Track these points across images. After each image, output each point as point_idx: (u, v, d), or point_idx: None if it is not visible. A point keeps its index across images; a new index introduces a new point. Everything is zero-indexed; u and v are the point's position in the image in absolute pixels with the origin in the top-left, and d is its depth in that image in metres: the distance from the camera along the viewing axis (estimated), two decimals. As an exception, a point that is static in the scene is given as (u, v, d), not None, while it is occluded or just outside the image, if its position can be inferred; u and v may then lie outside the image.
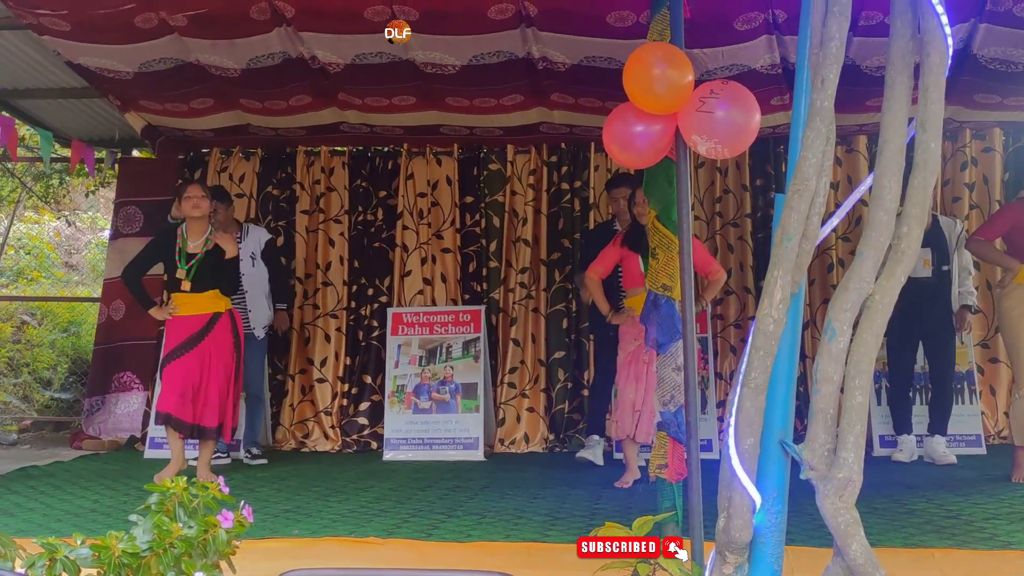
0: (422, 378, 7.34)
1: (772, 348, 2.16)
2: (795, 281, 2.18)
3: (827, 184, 2.23)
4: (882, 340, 2.22)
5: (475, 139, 7.73)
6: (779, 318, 2.16)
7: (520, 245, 7.74)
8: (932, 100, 2.10)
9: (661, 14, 3.89)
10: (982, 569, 3.78)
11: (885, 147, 2.14)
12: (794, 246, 2.17)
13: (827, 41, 2.19)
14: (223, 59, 6.14)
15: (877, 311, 2.11)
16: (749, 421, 2.17)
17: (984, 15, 5.45)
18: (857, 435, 2.10)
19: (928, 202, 2.17)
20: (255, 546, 4.07)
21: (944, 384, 6.56)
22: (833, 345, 2.13)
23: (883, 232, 2.12)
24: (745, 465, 2.17)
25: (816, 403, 2.16)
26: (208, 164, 8.03)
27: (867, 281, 2.13)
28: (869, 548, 2.08)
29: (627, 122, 3.34)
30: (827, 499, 2.09)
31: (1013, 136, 7.50)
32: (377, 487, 5.87)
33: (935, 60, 2.10)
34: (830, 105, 2.20)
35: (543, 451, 7.39)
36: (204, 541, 2.78)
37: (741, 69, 6.01)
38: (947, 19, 2.10)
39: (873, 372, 2.20)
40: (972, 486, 5.60)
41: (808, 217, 2.17)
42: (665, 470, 4.18)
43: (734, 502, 2.18)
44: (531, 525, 4.68)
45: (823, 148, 2.17)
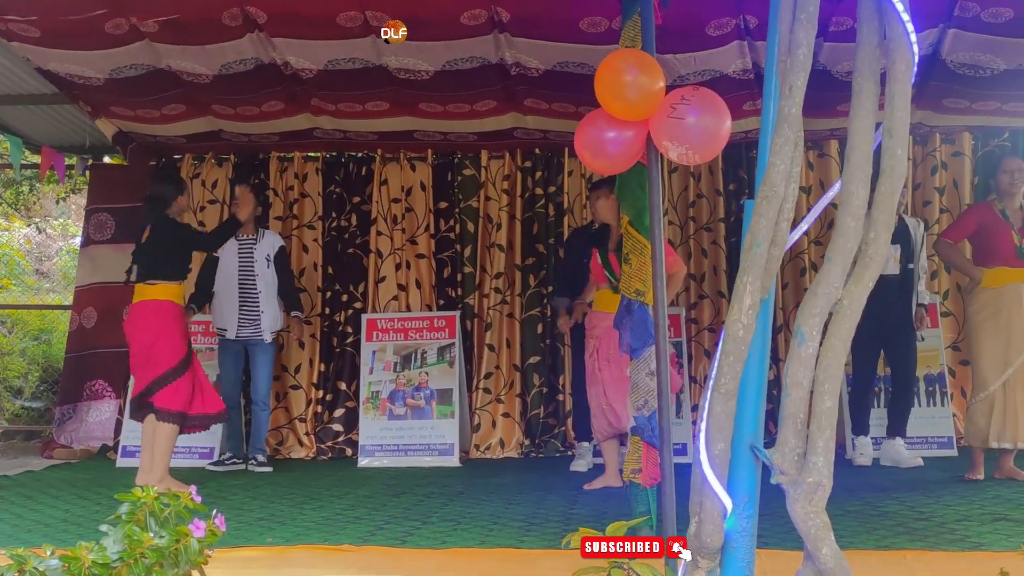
0: (397, 384, 7.32)
1: (742, 353, 2.17)
2: (764, 287, 2.20)
3: (795, 190, 2.25)
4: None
5: (449, 144, 7.73)
6: (749, 323, 2.17)
7: (495, 250, 7.75)
8: (898, 107, 2.12)
9: (632, 20, 3.91)
10: (953, 571, 3.81)
11: (852, 153, 2.16)
12: (763, 252, 2.18)
13: (795, 48, 2.21)
14: (195, 65, 6.11)
15: (845, 316, 2.13)
16: (719, 426, 2.18)
17: (952, 20, 5.51)
18: (827, 439, 2.12)
19: (895, 208, 2.18)
20: (229, 555, 4.06)
21: (907, 385, 6.60)
22: (802, 350, 2.15)
23: (851, 238, 2.14)
24: (716, 470, 2.18)
25: (786, 408, 2.17)
26: (180, 170, 7.97)
27: (835, 287, 2.14)
28: (839, 552, 2.09)
29: (599, 128, 3.36)
30: (797, 503, 2.10)
31: (982, 140, 7.57)
32: (352, 494, 5.85)
33: (901, 67, 2.12)
34: (798, 112, 2.22)
35: (518, 456, 7.40)
36: (176, 551, 2.75)
37: (713, 74, 6.04)
38: (912, 26, 2.12)
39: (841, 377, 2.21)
40: (944, 488, 5.65)
41: (777, 223, 2.18)
42: (639, 475, 4.20)
43: (705, 507, 2.19)
44: (506, 531, 4.68)
45: (791, 154, 2.18)
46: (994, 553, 3.92)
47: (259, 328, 6.88)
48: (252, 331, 6.87)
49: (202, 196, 7.92)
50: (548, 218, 7.77)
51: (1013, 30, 5.49)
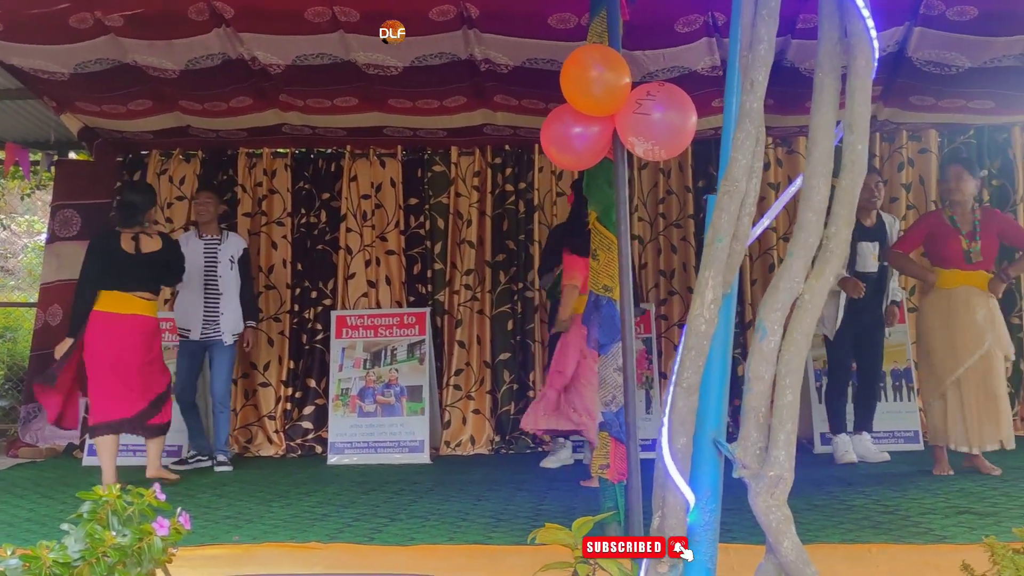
0: (367, 381, 7.30)
1: (704, 348, 2.18)
2: (727, 281, 2.20)
3: (757, 185, 2.25)
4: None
5: (419, 141, 7.70)
6: (711, 318, 2.18)
7: (465, 247, 7.73)
8: (859, 102, 2.13)
9: (600, 16, 3.91)
10: (916, 563, 3.84)
11: (814, 148, 2.17)
12: (725, 247, 2.19)
13: (756, 43, 2.21)
14: (161, 60, 6.05)
15: (807, 311, 2.14)
16: (682, 420, 2.19)
17: (918, 19, 5.55)
18: (788, 433, 2.13)
19: (856, 202, 2.19)
20: (194, 553, 4.04)
21: (875, 381, 6.65)
22: (764, 344, 2.16)
23: (812, 232, 2.15)
24: (678, 465, 2.18)
25: (748, 402, 2.18)
26: (147, 167, 7.91)
27: (797, 281, 2.15)
28: (800, 545, 2.10)
29: (565, 124, 3.35)
30: (759, 497, 2.11)
31: (948, 137, 7.64)
32: (321, 491, 5.83)
33: (861, 63, 2.13)
34: (759, 107, 2.23)
35: (489, 453, 7.39)
36: (139, 549, 2.73)
37: (682, 71, 6.06)
38: (873, 22, 2.13)
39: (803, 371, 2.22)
40: (909, 481, 5.70)
41: (739, 218, 2.19)
42: (607, 470, 4.20)
43: (668, 502, 2.20)
44: (475, 527, 4.69)
45: (753, 149, 2.19)
46: (957, 546, 3.97)
47: (219, 329, 6.82)
48: (213, 331, 6.81)
49: (169, 192, 7.85)
50: (518, 214, 7.76)
51: (978, 28, 5.54)
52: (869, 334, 6.51)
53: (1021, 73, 5.99)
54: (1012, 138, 7.53)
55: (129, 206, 6.16)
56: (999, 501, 5.00)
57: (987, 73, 6.03)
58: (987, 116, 7.04)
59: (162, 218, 7.69)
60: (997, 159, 7.58)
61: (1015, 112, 6.97)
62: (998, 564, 2.80)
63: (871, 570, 3.80)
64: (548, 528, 2.96)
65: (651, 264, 7.78)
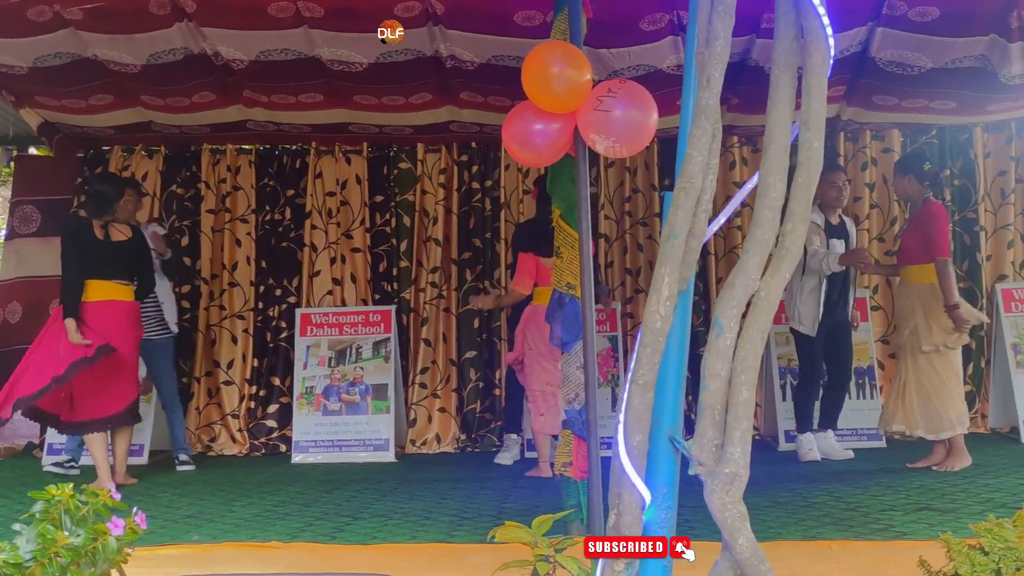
0: (331, 379, 7.26)
1: (660, 345, 2.17)
2: (683, 278, 2.20)
3: (714, 182, 2.25)
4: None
5: (385, 138, 7.66)
6: (666, 315, 2.17)
7: (431, 244, 7.71)
8: (815, 99, 2.14)
9: (564, 14, 3.91)
10: (875, 560, 3.87)
11: (770, 145, 2.17)
12: (681, 243, 2.18)
13: (712, 40, 2.21)
14: (122, 54, 5.97)
15: (763, 308, 2.14)
16: (637, 418, 2.18)
17: (881, 19, 5.59)
18: (744, 430, 2.13)
19: (811, 199, 2.20)
20: (153, 553, 4.00)
21: (843, 381, 6.69)
22: (720, 342, 2.15)
23: (768, 229, 2.15)
24: (634, 462, 2.17)
25: (704, 399, 2.18)
26: (109, 162, 7.82)
27: (753, 278, 2.15)
28: (755, 542, 2.11)
29: (526, 120, 3.34)
30: (714, 494, 2.11)
31: (911, 137, 7.69)
32: (283, 490, 5.79)
33: (817, 60, 2.13)
34: (716, 103, 2.22)
35: (455, 451, 7.38)
36: (93, 550, 2.70)
37: (648, 69, 6.06)
38: (828, 20, 2.14)
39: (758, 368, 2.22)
40: (871, 479, 5.74)
41: (695, 214, 2.19)
42: (570, 468, 4.21)
43: (624, 499, 2.19)
44: (438, 526, 4.67)
45: (709, 146, 2.19)
46: (916, 542, 3.99)
47: (154, 325, 6.71)
48: (147, 330, 6.60)
49: (132, 188, 7.75)
50: (484, 212, 7.75)
51: (939, 29, 5.59)
52: (839, 333, 6.56)
53: (981, 74, 6.04)
54: (973, 138, 7.60)
55: (100, 196, 6.09)
56: (958, 497, 5.04)
57: (948, 74, 6.08)
58: (949, 116, 7.10)
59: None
60: (959, 159, 7.65)
61: (976, 113, 7.04)
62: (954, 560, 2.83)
63: (830, 567, 3.82)
64: (508, 526, 2.95)
65: (617, 262, 7.79)
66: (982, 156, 7.62)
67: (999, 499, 4.93)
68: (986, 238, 7.58)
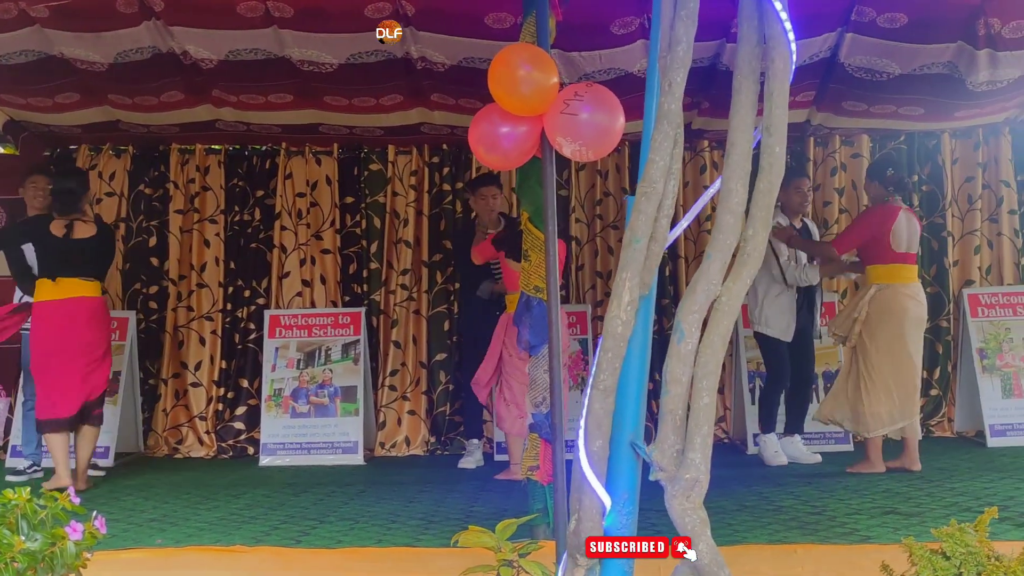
0: (300, 382, 7.22)
1: (621, 350, 2.17)
2: (644, 283, 2.19)
3: (675, 187, 2.25)
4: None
5: (355, 139, 7.63)
6: (628, 320, 2.16)
7: (401, 246, 7.67)
8: (777, 105, 2.14)
9: (533, 16, 3.90)
10: (840, 564, 3.88)
11: (732, 151, 2.17)
12: (642, 248, 2.18)
13: (675, 44, 2.21)
14: (89, 53, 5.91)
15: (724, 313, 2.14)
16: (598, 423, 2.18)
17: (850, 25, 5.62)
18: (704, 436, 2.12)
19: (773, 204, 2.20)
20: (115, 557, 3.95)
21: (808, 384, 6.75)
22: (682, 347, 2.15)
23: (730, 235, 2.15)
24: (595, 467, 2.17)
25: (665, 404, 2.17)
26: (76, 161, 7.74)
27: (714, 283, 2.15)
28: (715, 548, 2.10)
29: (493, 123, 3.33)
30: (675, 500, 2.10)
31: (879, 143, 7.74)
32: (250, 493, 5.75)
33: (779, 66, 2.13)
34: (678, 108, 2.22)
35: (424, 454, 7.36)
36: (51, 555, 2.66)
37: (619, 73, 6.06)
38: (791, 26, 2.14)
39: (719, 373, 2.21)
40: (838, 482, 5.76)
41: (657, 219, 2.18)
42: (537, 471, 4.20)
43: (584, 504, 2.18)
44: (404, 530, 4.65)
45: (671, 151, 2.18)
46: (880, 546, 4.02)
47: None
48: None
49: (99, 188, 7.67)
50: (455, 214, 7.73)
51: (907, 35, 5.64)
52: (803, 338, 6.60)
53: (949, 81, 6.10)
54: (941, 144, 7.66)
55: (66, 193, 5.99)
56: (923, 501, 5.08)
57: (916, 80, 6.13)
58: (917, 123, 7.15)
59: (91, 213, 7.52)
60: (927, 165, 7.71)
61: (943, 119, 7.09)
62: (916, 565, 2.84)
63: (795, 570, 3.83)
64: (471, 531, 2.93)
65: (588, 265, 7.79)
66: (950, 162, 7.68)
67: (964, 503, 4.97)
68: (953, 243, 7.64)
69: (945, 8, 5.38)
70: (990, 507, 3.06)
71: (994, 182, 7.67)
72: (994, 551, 2.96)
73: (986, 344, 7.22)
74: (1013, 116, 7.20)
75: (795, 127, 7.21)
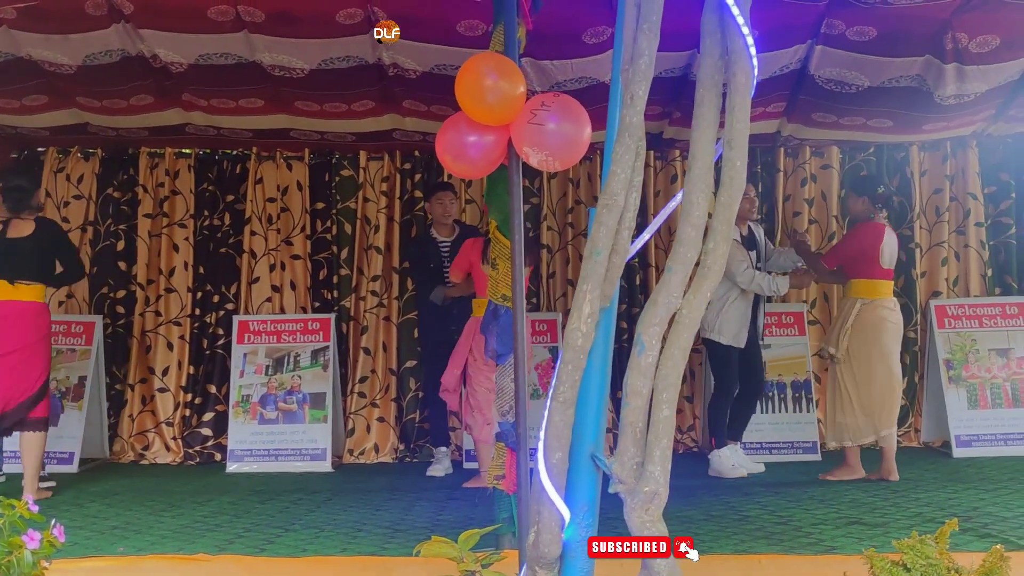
0: (268, 388, 7.18)
1: (581, 362, 2.16)
2: (605, 295, 2.19)
3: (637, 199, 2.25)
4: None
5: (327, 144, 7.60)
6: (588, 332, 2.16)
7: (372, 252, 7.65)
8: (738, 119, 2.14)
9: (503, 25, 3.89)
10: (803, 574, 3.91)
11: (694, 164, 2.17)
12: (603, 260, 2.18)
13: (637, 58, 2.21)
14: (57, 55, 5.85)
15: (684, 326, 2.14)
16: (557, 435, 2.17)
17: (820, 37, 5.65)
18: (664, 448, 2.12)
19: (734, 218, 2.20)
20: (75, 565, 3.92)
21: (757, 393, 6.81)
22: (642, 359, 2.15)
23: (691, 248, 2.15)
24: (554, 480, 2.16)
25: (625, 416, 2.17)
26: (44, 164, 7.66)
27: (675, 296, 2.15)
28: (673, 560, 2.10)
29: (460, 132, 3.32)
30: (634, 512, 2.10)
31: (849, 154, 7.80)
32: (216, 500, 5.70)
33: (741, 80, 2.14)
34: (639, 120, 2.22)
35: (393, 461, 7.33)
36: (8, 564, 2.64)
37: (590, 82, 6.07)
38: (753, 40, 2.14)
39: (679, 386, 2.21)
40: (805, 492, 5.79)
41: (618, 232, 2.18)
42: (503, 481, 4.19)
43: (543, 517, 2.18)
44: (370, 538, 4.62)
45: (632, 163, 2.18)
46: (844, 556, 4.04)
47: None
48: None
49: (67, 191, 7.61)
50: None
51: (876, 48, 5.67)
52: (752, 346, 6.62)
53: (917, 94, 6.15)
54: (910, 156, 7.73)
55: (18, 191, 5.86)
56: (888, 512, 5.11)
57: (885, 93, 6.18)
58: (886, 135, 7.21)
59: (58, 217, 7.46)
60: (896, 176, 7.77)
61: (912, 132, 7.15)
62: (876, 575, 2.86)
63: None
64: (434, 541, 2.92)
65: (559, 273, 7.80)
66: (918, 174, 7.75)
67: (928, 514, 5.00)
68: (921, 255, 7.71)
69: (913, 22, 5.42)
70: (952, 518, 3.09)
71: (961, 194, 7.75)
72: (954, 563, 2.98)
73: (953, 355, 7.29)
74: (980, 130, 7.26)
75: (766, 138, 7.25)
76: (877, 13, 5.22)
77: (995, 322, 7.34)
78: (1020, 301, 7.35)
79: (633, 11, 2.19)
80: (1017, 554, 3.83)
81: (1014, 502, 5.28)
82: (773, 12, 5.12)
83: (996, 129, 7.25)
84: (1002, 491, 5.67)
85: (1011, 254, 7.74)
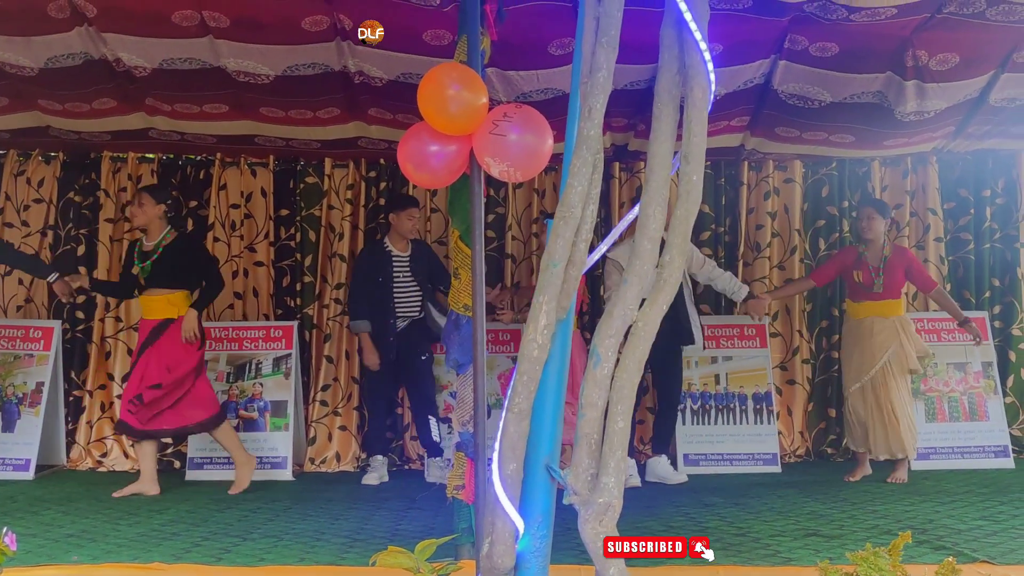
0: (230, 395, 7.13)
1: (536, 374, 2.17)
2: (562, 307, 2.20)
3: (594, 212, 2.26)
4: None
5: (292, 151, 7.56)
6: (544, 343, 2.17)
7: (336, 260, 7.62)
8: (695, 133, 2.16)
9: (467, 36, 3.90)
10: (758, 586, 3.92)
11: (651, 177, 2.19)
12: (560, 272, 2.18)
13: (595, 71, 2.22)
14: (18, 57, 5.79)
15: (640, 338, 2.15)
16: (512, 446, 2.17)
17: (783, 52, 5.71)
18: (618, 460, 2.13)
19: (690, 231, 2.22)
20: (27, 574, 3.86)
21: (675, 402, 6.91)
22: (598, 371, 2.16)
23: (647, 261, 2.16)
24: (508, 491, 2.16)
25: (581, 428, 2.18)
26: (4, 167, 7.57)
27: (631, 308, 2.16)
28: (626, 572, 2.11)
29: (422, 141, 3.33)
30: (588, 524, 2.11)
31: (812, 168, 7.88)
32: (174, 509, 5.64)
33: (698, 95, 2.16)
34: (597, 134, 2.23)
35: (354, 470, 7.28)
36: (-43, 573, 2.60)
37: (556, 93, 6.09)
38: (711, 56, 2.16)
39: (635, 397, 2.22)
40: (764, 503, 5.82)
41: (575, 244, 2.19)
42: (462, 491, 4.17)
43: (497, 527, 2.18)
44: (329, 547, 4.59)
45: (589, 176, 2.19)
46: (801, 568, 4.07)
47: None
48: None
49: (27, 195, 7.52)
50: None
51: (838, 64, 5.74)
52: (668, 356, 6.65)
53: (878, 110, 6.23)
54: (871, 171, 7.83)
55: None
56: (846, 524, 5.14)
57: (847, 108, 6.25)
58: (847, 150, 7.29)
59: (18, 221, 7.38)
60: (857, 191, 7.86)
61: (873, 147, 7.24)
62: (830, 588, 2.89)
63: (717, 593, 3.85)
64: (390, 551, 2.92)
65: (524, 283, 7.80)
66: (880, 189, 7.84)
67: (884, 526, 5.05)
68: (882, 269, 7.77)
69: (875, 39, 5.49)
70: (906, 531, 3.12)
71: (921, 210, 7.85)
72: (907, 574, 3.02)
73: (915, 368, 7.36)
74: (940, 146, 7.36)
75: (730, 151, 7.31)
76: (839, 30, 5.29)
77: (953, 336, 7.43)
78: (978, 316, 7.44)
79: (592, 25, 2.21)
80: (969, 566, 3.89)
81: (969, 515, 5.35)
82: (737, 27, 5.17)
83: (956, 146, 7.36)
84: (958, 503, 5.73)
85: (969, 269, 7.85)
